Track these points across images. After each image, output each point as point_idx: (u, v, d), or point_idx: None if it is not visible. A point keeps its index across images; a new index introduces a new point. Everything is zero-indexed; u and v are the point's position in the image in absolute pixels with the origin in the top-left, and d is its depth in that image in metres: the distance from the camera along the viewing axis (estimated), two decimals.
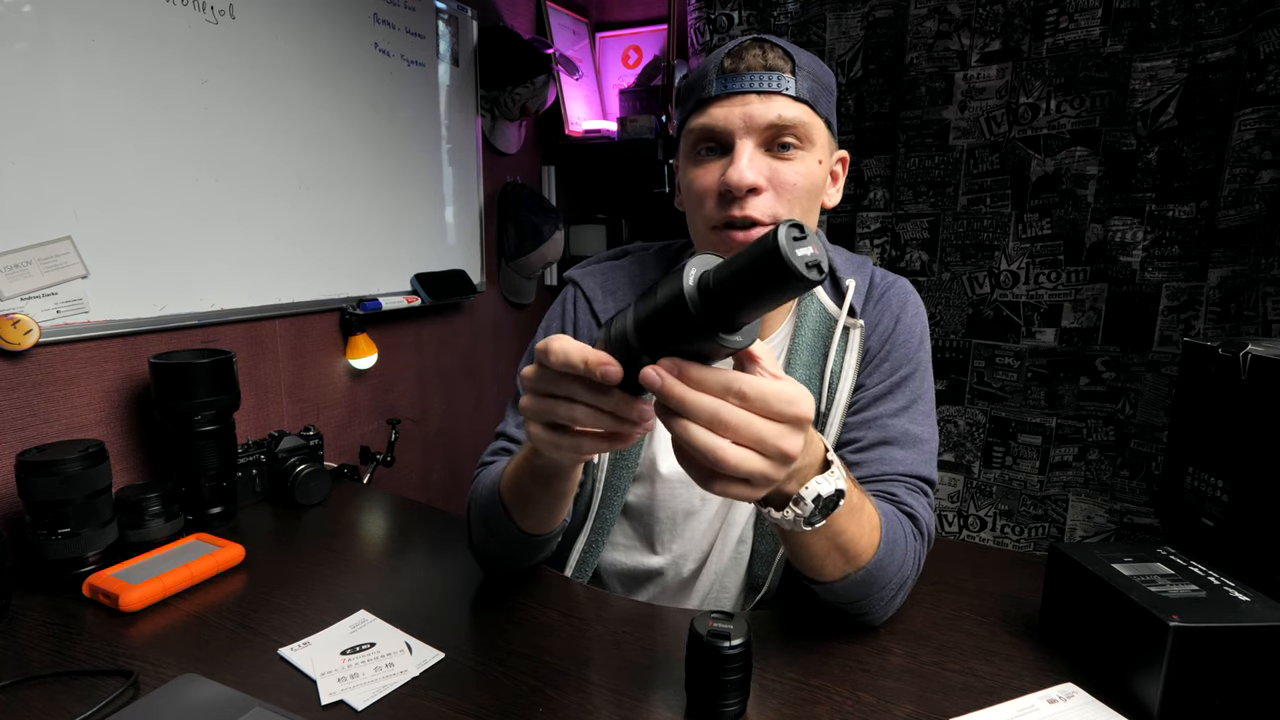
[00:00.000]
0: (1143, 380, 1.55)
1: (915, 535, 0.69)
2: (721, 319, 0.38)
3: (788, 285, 0.35)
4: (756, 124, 0.68)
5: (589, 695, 0.62)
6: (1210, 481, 0.89)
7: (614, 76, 2.20)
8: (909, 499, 0.71)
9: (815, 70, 0.72)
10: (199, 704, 0.58)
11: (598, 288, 0.85)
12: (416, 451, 1.71)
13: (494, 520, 0.70)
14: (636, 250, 0.91)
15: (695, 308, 0.38)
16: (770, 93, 0.69)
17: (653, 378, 0.40)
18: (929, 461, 0.75)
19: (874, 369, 0.78)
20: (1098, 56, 1.50)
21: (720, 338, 0.38)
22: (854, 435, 0.76)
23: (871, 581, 0.63)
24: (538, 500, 0.64)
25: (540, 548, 0.73)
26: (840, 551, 0.59)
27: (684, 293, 0.38)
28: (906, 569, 0.67)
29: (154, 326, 1.10)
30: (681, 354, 0.40)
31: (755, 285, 0.36)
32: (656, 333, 0.40)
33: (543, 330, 0.88)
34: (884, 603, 0.67)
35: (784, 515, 0.52)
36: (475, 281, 1.79)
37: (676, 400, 0.40)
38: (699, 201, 0.73)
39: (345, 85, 1.39)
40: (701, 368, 0.40)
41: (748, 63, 0.69)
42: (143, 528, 0.91)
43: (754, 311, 0.38)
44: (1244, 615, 0.58)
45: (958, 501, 1.79)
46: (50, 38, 0.94)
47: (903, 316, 0.80)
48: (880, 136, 1.74)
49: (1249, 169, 1.36)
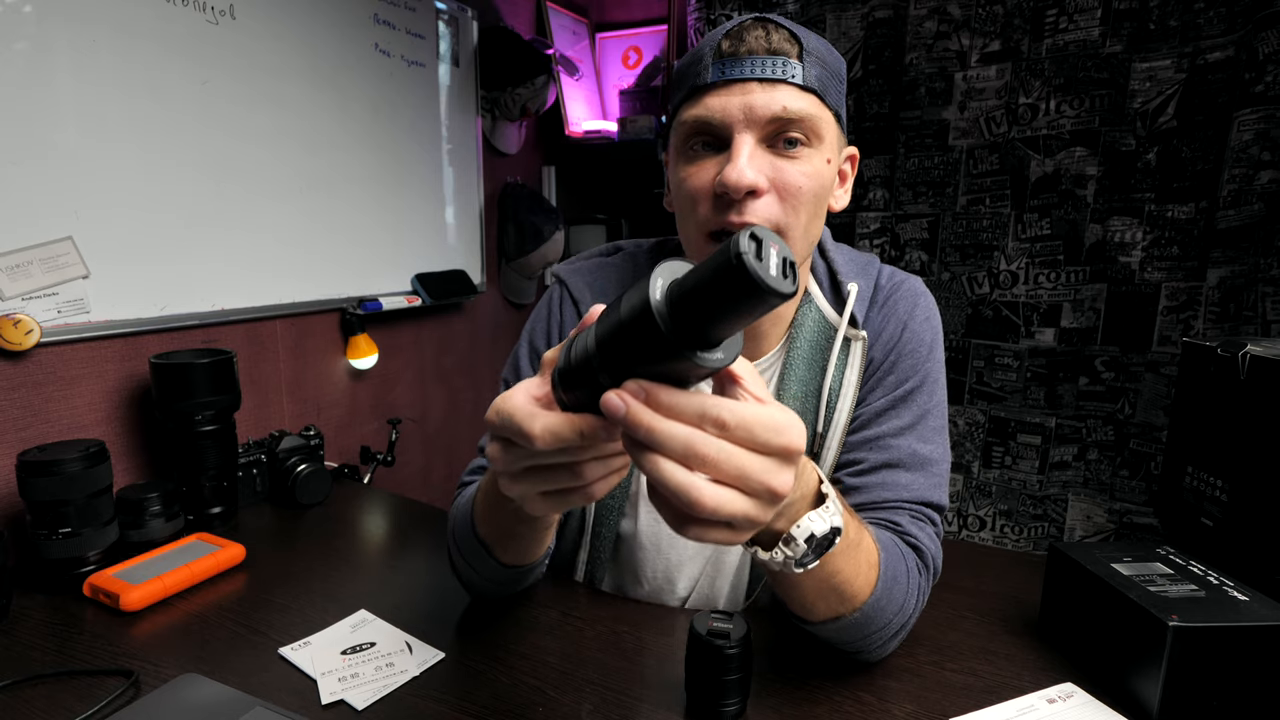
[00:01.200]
0: (1142, 380, 1.55)
1: (919, 569, 0.63)
2: (695, 334, 0.32)
3: (758, 301, 0.30)
4: (758, 116, 0.60)
5: (589, 695, 0.62)
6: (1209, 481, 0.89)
7: (614, 77, 2.20)
8: (913, 529, 0.65)
9: (824, 55, 0.63)
10: (199, 704, 0.58)
11: (585, 288, 0.77)
12: (417, 451, 1.71)
13: (472, 553, 0.65)
14: (629, 247, 0.83)
15: (664, 322, 0.31)
16: (774, 80, 0.60)
17: (615, 404, 0.33)
18: (939, 485, 0.68)
19: (877, 382, 0.71)
20: (1097, 57, 1.50)
21: (696, 356, 0.32)
22: (855, 456, 0.69)
23: (867, 623, 0.58)
24: (515, 534, 0.60)
25: (525, 577, 0.69)
26: (834, 592, 0.54)
27: (650, 305, 0.31)
28: (908, 609, 0.61)
29: (155, 326, 1.10)
30: (653, 376, 0.34)
31: (722, 302, 0.30)
32: (622, 352, 0.34)
33: (527, 334, 0.81)
34: (881, 643, 0.61)
35: (772, 556, 0.47)
36: (475, 281, 1.79)
37: (645, 430, 0.33)
38: (691, 204, 0.64)
39: (346, 85, 1.39)
40: (673, 391, 0.34)
41: (749, 45, 0.60)
42: (143, 527, 0.91)
43: (729, 328, 0.32)
44: (1243, 615, 0.58)
45: (958, 501, 1.79)
46: (51, 38, 0.94)
47: (910, 323, 0.71)
48: (880, 137, 1.74)
49: (1248, 169, 1.36)
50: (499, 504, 0.57)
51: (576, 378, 0.36)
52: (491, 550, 0.63)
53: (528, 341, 0.80)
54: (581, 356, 0.36)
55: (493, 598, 0.76)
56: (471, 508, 0.64)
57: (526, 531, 0.59)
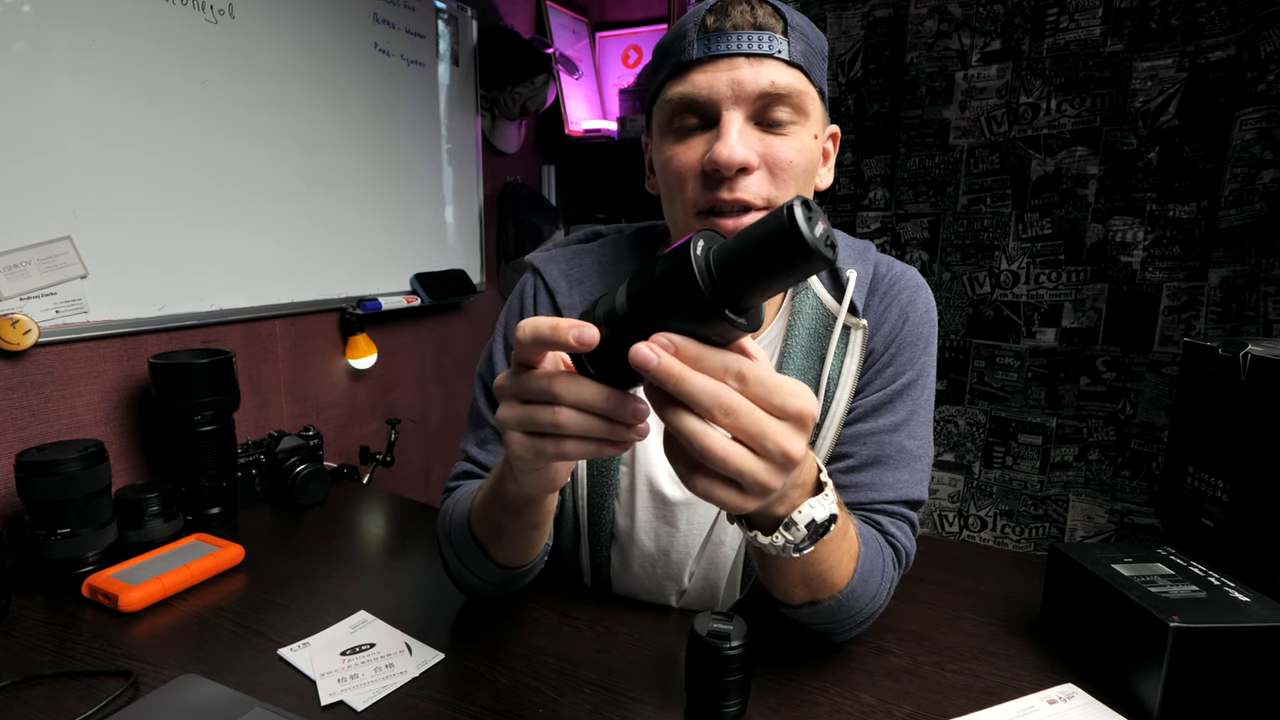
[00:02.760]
0: (1143, 380, 1.55)
1: (894, 564, 0.66)
2: (729, 295, 0.35)
3: (803, 264, 0.33)
4: (746, 92, 0.59)
5: (589, 695, 0.62)
6: (1210, 481, 0.89)
7: (614, 76, 2.20)
8: (892, 528, 0.67)
9: (808, 31, 0.63)
10: (199, 704, 0.58)
11: (561, 276, 0.75)
12: (416, 451, 1.71)
13: (467, 555, 0.65)
14: (610, 234, 0.80)
15: (705, 281, 0.34)
16: (761, 55, 0.59)
17: (646, 354, 0.35)
18: (921, 481, 0.69)
19: (876, 374, 0.70)
20: (1098, 56, 1.50)
21: (728, 316, 0.35)
22: (845, 450, 0.69)
23: (841, 609, 0.60)
24: (511, 531, 0.60)
25: (522, 578, 0.68)
26: (818, 579, 0.56)
27: (693, 263, 0.34)
28: (880, 599, 0.64)
29: (154, 326, 1.10)
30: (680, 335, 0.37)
31: (768, 263, 0.34)
32: (655, 308, 0.36)
33: (501, 326, 0.79)
34: (850, 628, 0.64)
35: (771, 541, 0.47)
36: (475, 281, 1.79)
37: (674, 381, 0.35)
38: (678, 183, 0.63)
39: (345, 85, 1.39)
40: (699, 345, 0.36)
41: (734, 20, 0.60)
42: (142, 528, 0.91)
43: (763, 292, 0.35)
44: (1244, 615, 0.58)
45: (958, 501, 1.78)
46: (50, 38, 0.94)
47: (911, 314, 0.71)
48: (880, 136, 1.74)
49: (1250, 169, 1.36)
50: (498, 497, 0.56)
51: (602, 338, 0.38)
52: (487, 549, 0.63)
53: (502, 335, 0.78)
54: (609, 315, 0.38)
55: (489, 599, 0.76)
56: (469, 508, 0.64)
57: (522, 527, 0.59)
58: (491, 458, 0.75)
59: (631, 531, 0.74)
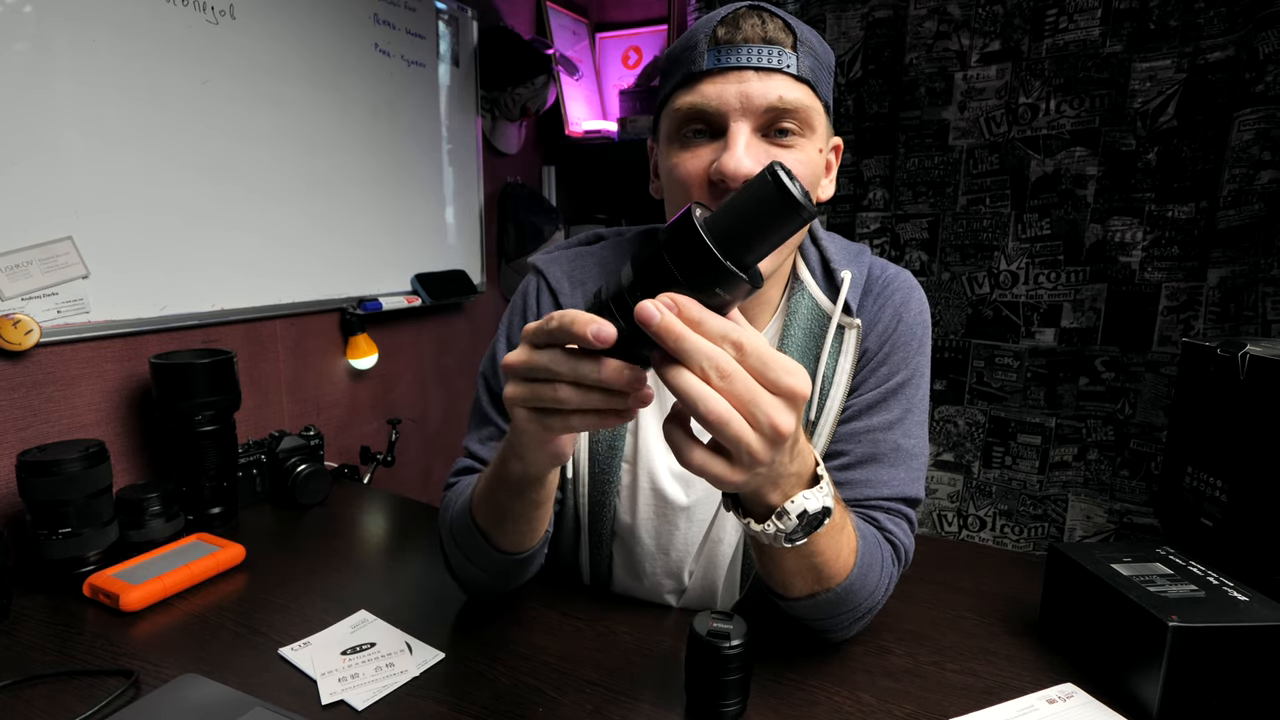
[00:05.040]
0: (1142, 380, 1.55)
1: (893, 560, 0.66)
2: (730, 251, 0.37)
3: (791, 216, 0.36)
4: (754, 105, 0.61)
5: (589, 695, 0.62)
6: (1209, 481, 0.89)
7: (614, 77, 2.20)
8: (890, 524, 0.68)
9: (816, 46, 0.64)
10: (199, 704, 0.58)
11: (564, 277, 0.76)
12: (416, 451, 1.71)
13: (469, 544, 0.65)
14: (611, 236, 0.82)
15: (708, 233, 0.37)
16: (770, 69, 0.61)
17: (650, 309, 0.37)
18: (917, 479, 0.70)
19: (870, 372, 0.72)
20: (1097, 57, 1.50)
21: (732, 270, 0.37)
22: (841, 448, 0.70)
23: (840, 603, 0.60)
24: (513, 513, 0.60)
25: (523, 567, 0.68)
26: (814, 571, 0.57)
27: (695, 223, 0.37)
28: (878, 595, 0.64)
29: (154, 326, 1.10)
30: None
31: (759, 220, 0.37)
32: (661, 273, 0.38)
33: (504, 326, 0.80)
34: (849, 624, 0.65)
35: (764, 528, 0.49)
36: (475, 281, 1.79)
37: (674, 337, 0.37)
38: (683, 189, 0.65)
39: (345, 86, 1.39)
40: (701, 308, 0.38)
41: (745, 33, 0.61)
42: (143, 528, 0.91)
43: (757, 250, 0.38)
44: (1243, 615, 0.58)
45: (958, 501, 1.79)
46: (50, 38, 0.94)
47: (905, 314, 0.73)
48: (880, 136, 1.74)
49: (1248, 169, 1.36)
50: (500, 479, 0.57)
51: (608, 318, 0.40)
52: (489, 536, 0.63)
53: (505, 335, 0.79)
54: (616, 292, 0.40)
55: (490, 595, 0.76)
56: (469, 498, 0.65)
57: (524, 507, 0.60)
58: (492, 454, 0.76)
59: (632, 528, 0.75)
